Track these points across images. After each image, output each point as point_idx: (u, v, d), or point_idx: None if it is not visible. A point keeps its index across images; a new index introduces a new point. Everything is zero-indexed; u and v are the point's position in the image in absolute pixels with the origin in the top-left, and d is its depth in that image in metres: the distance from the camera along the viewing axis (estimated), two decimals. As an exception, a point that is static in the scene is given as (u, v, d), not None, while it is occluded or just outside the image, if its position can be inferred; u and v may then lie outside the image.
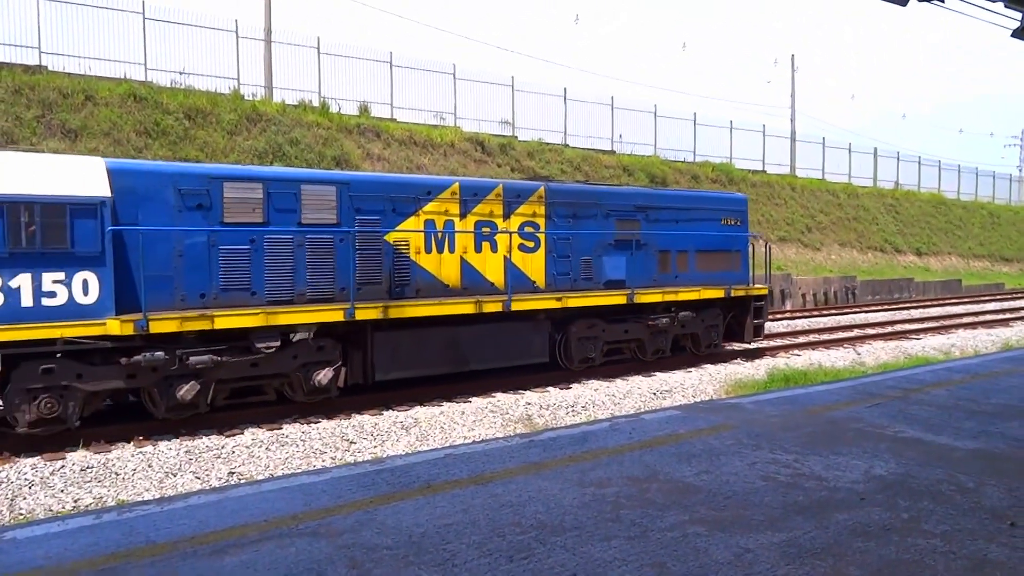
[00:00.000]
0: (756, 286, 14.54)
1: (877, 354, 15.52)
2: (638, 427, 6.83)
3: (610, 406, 10.78)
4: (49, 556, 3.99)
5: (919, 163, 46.85)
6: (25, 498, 6.99)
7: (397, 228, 10.53)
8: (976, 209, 47.98)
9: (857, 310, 24.49)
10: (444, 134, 24.36)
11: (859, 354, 15.44)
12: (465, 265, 11.18)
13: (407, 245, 10.63)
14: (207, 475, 7.68)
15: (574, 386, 11.91)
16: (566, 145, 28.91)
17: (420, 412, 10.12)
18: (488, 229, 11.37)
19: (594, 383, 12.16)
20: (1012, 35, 11.42)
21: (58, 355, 8.32)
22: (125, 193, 8.58)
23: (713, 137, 35.42)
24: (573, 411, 10.41)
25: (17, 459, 7.96)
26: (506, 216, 11.56)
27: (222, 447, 8.43)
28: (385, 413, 10.09)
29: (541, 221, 11.93)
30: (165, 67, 20.95)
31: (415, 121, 25.08)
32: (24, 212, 7.87)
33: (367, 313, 9.84)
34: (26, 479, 7.37)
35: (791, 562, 3.87)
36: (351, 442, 8.81)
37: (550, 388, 11.71)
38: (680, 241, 13.56)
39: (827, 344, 16.38)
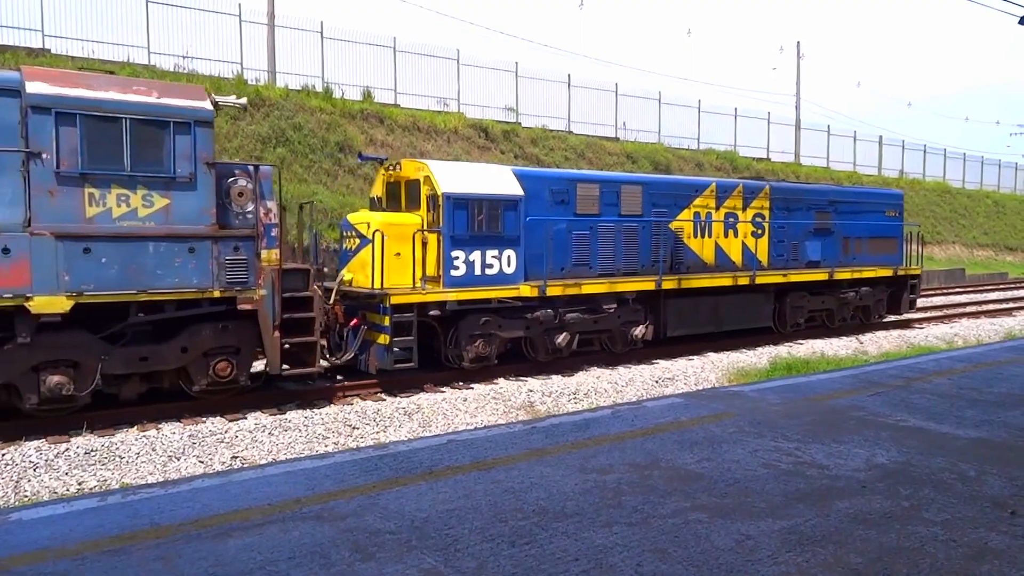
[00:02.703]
0: (912, 267, 17.52)
1: (879, 343, 15.52)
2: (640, 414, 6.85)
3: (612, 393, 10.80)
4: (54, 537, 4.02)
5: (924, 151, 46.57)
6: (30, 480, 7.04)
7: (677, 218, 13.43)
8: (981, 198, 47.74)
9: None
10: (448, 120, 24.25)
11: (861, 343, 15.43)
12: (718, 247, 14.12)
13: (682, 231, 13.54)
14: (210, 459, 7.72)
15: (576, 373, 11.93)
16: (570, 132, 28.78)
17: (422, 398, 10.15)
18: (732, 219, 14.31)
19: (596, 371, 12.18)
20: (1020, 22, 11.36)
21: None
22: (524, 192, 11.34)
23: (718, 124, 35.23)
24: (575, 398, 10.44)
25: (22, 442, 8.00)
26: (743, 208, 14.49)
27: (225, 431, 8.47)
28: (387, 399, 10.12)
29: (766, 213, 14.87)
30: (168, 51, 20.86)
31: (418, 107, 24.97)
32: (476, 207, 10.76)
33: (668, 283, 12.94)
34: (31, 461, 7.41)
35: (792, 549, 3.89)
36: (353, 427, 8.84)
37: (552, 375, 11.74)
38: (858, 229, 16.50)
39: (829, 332, 16.37)
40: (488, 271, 10.93)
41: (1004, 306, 22.47)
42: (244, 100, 9.59)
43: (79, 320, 8.16)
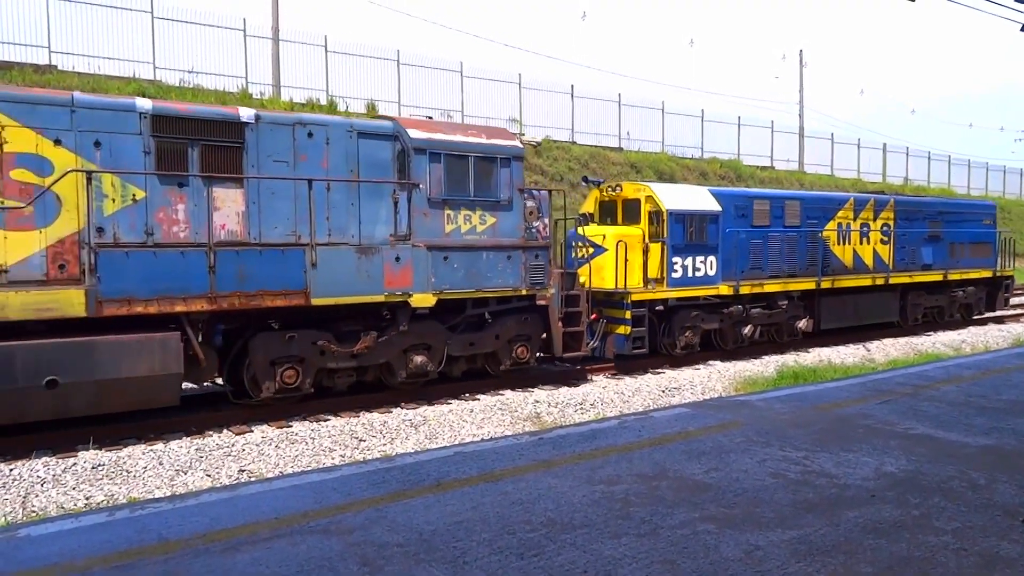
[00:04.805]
0: (1007, 269, 20.07)
1: (887, 350, 15.46)
2: (647, 425, 6.83)
3: (619, 404, 10.77)
4: (63, 553, 4.03)
5: (929, 158, 46.49)
6: (38, 495, 7.04)
7: (825, 228, 15.61)
8: (986, 204, 47.55)
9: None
10: (452, 131, 24.33)
11: (869, 350, 15.38)
12: (855, 252, 16.29)
13: (829, 239, 15.68)
14: (217, 473, 7.72)
15: (583, 384, 11.91)
16: (573, 142, 28.82)
17: (429, 410, 10.13)
18: (866, 228, 16.58)
19: (603, 381, 12.15)
20: (1022, 29, 11.38)
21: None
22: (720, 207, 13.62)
23: (721, 133, 35.23)
24: (582, 409, 10.41)
25: (30, 457, 8.01)
26: (874, 219, 16.79)
27: (232, 445, 8.47)
28: (394, 411, 10.11)
29: (891, 223, 17.15)
30: (174, 66, 21.01)
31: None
32: (689, 220, 13.02)
33: (825, 283, 15.29)
34: (38, 476, 7.41)
35: (802, 559, 3.86)
36: (360, 440, 8.83)
37: (559, 386, 11.72)
38: (961, 236, 18.79)
39: (836, 340, 16.31)
40: (696, 273, 13.16)
41: (1012, 312, 22.35)
42: (539, 139, 11.61)
43: (433, 313, 10.32)
